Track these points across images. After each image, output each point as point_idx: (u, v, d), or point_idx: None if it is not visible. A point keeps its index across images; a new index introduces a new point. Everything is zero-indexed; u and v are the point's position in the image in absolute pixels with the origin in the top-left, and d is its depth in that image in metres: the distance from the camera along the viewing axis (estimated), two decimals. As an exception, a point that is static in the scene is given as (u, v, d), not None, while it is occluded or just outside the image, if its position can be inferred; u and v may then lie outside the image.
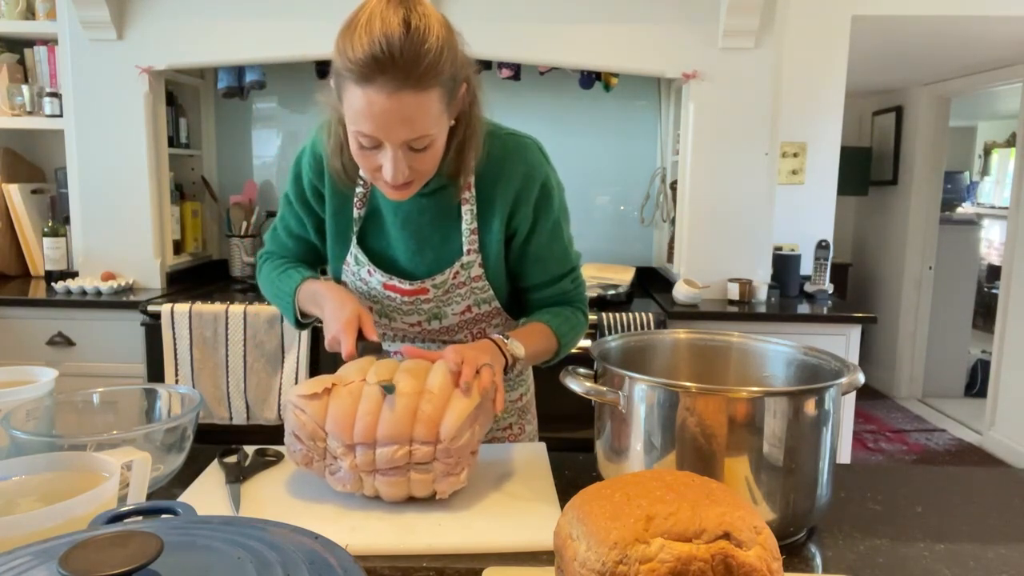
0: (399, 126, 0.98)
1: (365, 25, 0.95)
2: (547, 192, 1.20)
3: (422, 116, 0.99)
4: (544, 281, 1.27)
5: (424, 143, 1.02)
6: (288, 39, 2.67)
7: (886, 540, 0.93)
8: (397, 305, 1.25)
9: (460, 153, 1.13)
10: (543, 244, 1.23)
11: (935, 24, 3.10)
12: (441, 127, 1.04)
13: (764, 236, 2.79)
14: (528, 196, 1.18)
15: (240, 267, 3.07)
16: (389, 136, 1.00)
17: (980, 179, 7.51)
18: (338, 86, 1.02)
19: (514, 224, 1.20)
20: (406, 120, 0.98)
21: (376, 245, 1.24)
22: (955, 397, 5.01)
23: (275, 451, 1.17)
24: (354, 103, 0.98)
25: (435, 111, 1.00)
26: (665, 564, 0.63)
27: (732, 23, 2.60)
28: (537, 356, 1.23)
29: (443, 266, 1.21)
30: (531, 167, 1.18)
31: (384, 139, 1.00)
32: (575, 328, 1.28)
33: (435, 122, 1.01)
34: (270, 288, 1.31)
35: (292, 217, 1.30)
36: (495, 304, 1.27)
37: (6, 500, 0.81)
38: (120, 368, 2.55)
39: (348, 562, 0.54)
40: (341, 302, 1.14)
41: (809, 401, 0.89)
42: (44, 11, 2.76)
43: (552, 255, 1.25)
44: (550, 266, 1.26)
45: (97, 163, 2.76)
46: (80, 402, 1.15)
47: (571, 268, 1.29)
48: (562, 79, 3.06)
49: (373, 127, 0.99)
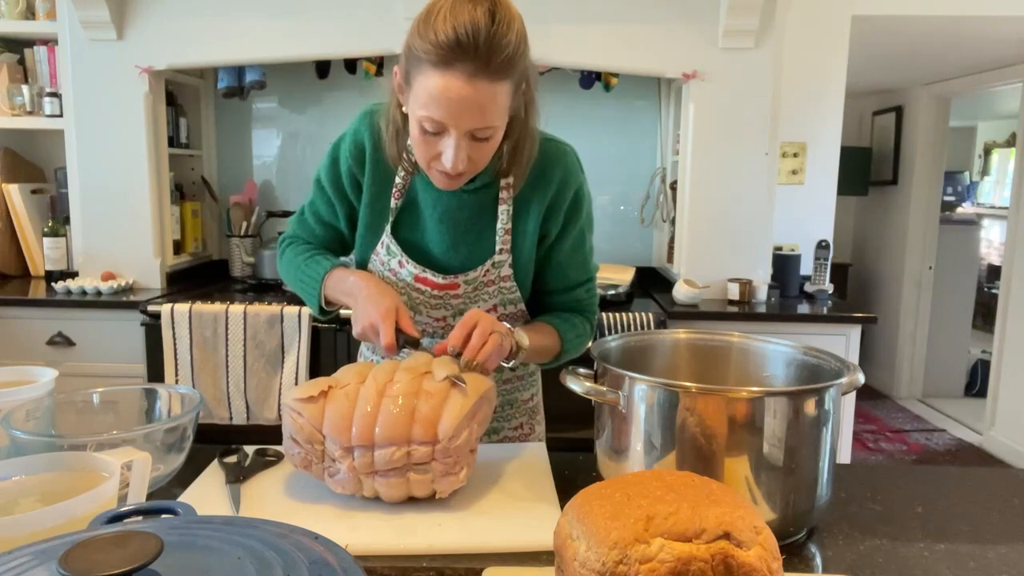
0: (470, 113, 1.00)
1: (450, 10, 0.97)
2: (579, 200, 1.23)
3: (492, 106, 1.01)
4: (561, 287, 1.28)
5: (487, 134, 1.04)
6: (288, 39, 2.67)
7: (886, 540, 0.93)
8: (425, 299, 1.24)
9: (513, 153, 1.15)
10: (567, 251, 1.25)
11: (935, 24, 3.10)
12: (504, 121, 1.06)
13: (764, 236, 2.79)
14: (562, 202, 1.21)
15: (240, 267, 3.07)
16: (458, 123, 1.01)
17: (980, 179, 7.51)
18: (409, 71, 1.03)
19: (545, 228, 1.22)
20: (478, 108, 1.00)
21: (410, 236, 1.24)
22: (955, 397, 5.00)
23: (275, 451, 1.17)
24: (429, 87, 1.00)
25: (503, 104, 1.03)
26: (665, 564, 0.63)
27: (732, 23, 2.60)
28: (539, 353, 1.24)
29: (475, 263, 1.22)
30: (568, 173, 1.20)
31: (452, 125, 1.02)
32: (580, 336, 1.28)
33: (501, 114, 1.04)
34: (294, 273, 1.29)
35: (323, 203, 1.29)
36: (520, 306, 1.28)
37: (6, 500, 0.81)
38: (120, 368, 2.55)
39: (348, 562, 0.54)
40: (380, 292, 1.14)
41: (809, 401, 0.89)
42: (44, 11, 2.76)
43: (573, 263, 1.27)
44: (569, 273, 1.27)
45: (97, 163, 2.76)
46: (80, 402, 1.14)
47: (588, 278, 1.30)
48: (562, 79, 3.06)
49: (445, 113, 1.00)
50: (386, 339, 1.07)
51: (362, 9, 2.63)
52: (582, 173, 1.24)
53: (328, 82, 3.12)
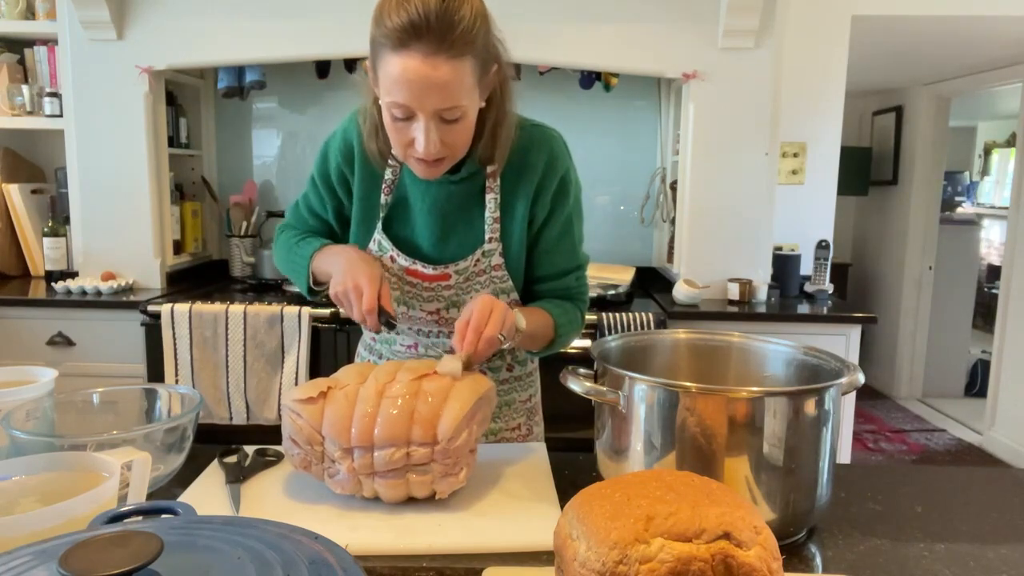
0: (432, 93, 1.00)
1: None
2: (565, 185, 1.23)
3: (455, 84, 1.00)
4: (550, 274, 1.28)
5: (455, 114, 1.04)
6: (288, 39, 2.67)
7: (886, 540, 0.93)
8: (417, 291, 1.25)
9: (493, 137, 1.15)
10: (554, 237, 1.25)
11: (935, 24, 3.10)
12: (472, 101, 1.06)
13: (764, 236, 2.79)
14: (548, 186, 1.21)
15: (240, 267, 3.07)
16: (423, 104, 1.01)
17: (980, 179, 7.50)
18: (374, 59, 1.05)
19: (533, 213, 1.22)
20: (439, 87, 1.00)
21: (401, 232, 1.24)
22: (955, 397, 5.00)
23: (275, 451, 1.17)
24: (390, 71, 1.01)
25: (467, 82, 1.02)
26: (665, 564, 0.63)
27: (732, 23, 2.60)
28: (534, 338, 1.23)
29: (465, 253, 1.22)
30: (553, 157, 1.21)
31: (417, 108, 1.02)
32: (573, 323, 1.28)
33: (467, 94, 1.03)
34: (284, 255, 1.31)
35: (315, 196, 1.32)
36: (514, 295, 1.27)
37: (6, 500, 0.81)
38: (120, 368, 2.55)
39: (348, 562, 0.54)
40: (369, 261, 1.15)
41: (809, 401, 0.89)
42: (44, 11, 2.76)
43: (561, 249, 1.26)
44: (557, 260, 1.27)
45: (97, 163, 2.76)
46: (80, 402, 1.14)
47: (578, 266, 1.30)
48: (562, 79, 3.05)
49: (407, 95, 1.01)
50: (368, 302, 1.06)
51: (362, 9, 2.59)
52: (569, 159, 1.24)
53: (328, 82, 3.12)
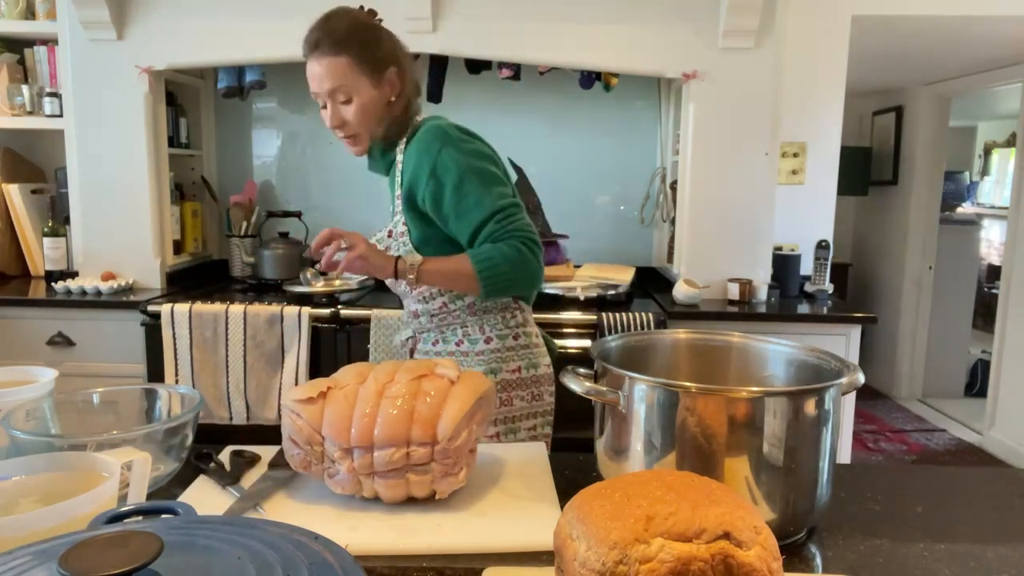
0: (322, 78, 1.42)
1: None
2: (442, 160, 1.42)
3: (335, 72, 1.41)
4: (471, 231, 1.43)
5: (343, 96, 1.43)
6: (288, 39, 2.63)
7: (886, 540, 0.93)
8: None
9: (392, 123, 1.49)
10: (453, 203, 1.42)
11: (935, 24, 3.10)
12: (359, 89, 1.43)
13: (764, 236, 2.79)
14: (423, 169, 1.43)
15: (240, 267, 3.07)
16: (319, 87, 1.43)
17: (980, 179, 7.50)
18: None
19: (421, 195, 1.44)
20: (325, 74, 1.42)
21: None
22: (955, 397, 5.00)
23: (251, 453, 1.15)
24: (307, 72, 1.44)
25: (349, 73, 1.41)
26: (665, 564, 0.63)
27: (732, 23, 2.60)
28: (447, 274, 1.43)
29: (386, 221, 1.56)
30: (424, 144, 1.44)
31: (318, 90, 1.43)
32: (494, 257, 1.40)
33: (351, 82, 1.42)
34: None
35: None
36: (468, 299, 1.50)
37: (6, 500, 0.81)
38: (120, 368, 2.55)
39: (348, 562, 0.54)
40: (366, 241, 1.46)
41: (809, 401, 0.89)
42: (44, 11, 2.76)
43: (466, 208, 1.42)
44: (470, 216, 1.42)
45: (97, 163, 2.76)
46: (80, 402, 1.14)
47: (493, 211, 1.41)
48: (562, 79, 3.05)
49: (312, 85, 1.44)
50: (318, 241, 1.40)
51: (362, 9, 2.63)
52: (443, 139, 1.43)
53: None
